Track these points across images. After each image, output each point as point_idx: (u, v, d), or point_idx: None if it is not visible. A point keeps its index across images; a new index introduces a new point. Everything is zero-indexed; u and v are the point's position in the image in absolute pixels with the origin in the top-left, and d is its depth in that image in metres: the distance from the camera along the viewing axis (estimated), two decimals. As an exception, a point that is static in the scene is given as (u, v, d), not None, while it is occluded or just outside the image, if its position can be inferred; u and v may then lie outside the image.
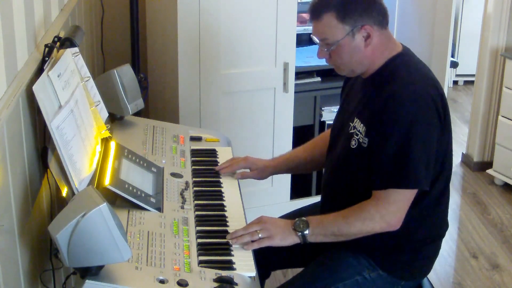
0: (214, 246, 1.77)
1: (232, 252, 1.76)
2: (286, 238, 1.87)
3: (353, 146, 1.95)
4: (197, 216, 1.90)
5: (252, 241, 1.80)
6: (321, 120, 3.54)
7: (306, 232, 1.86)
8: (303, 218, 1.89)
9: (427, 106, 1.85)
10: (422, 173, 1.84)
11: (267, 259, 2.09)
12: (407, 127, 1.82)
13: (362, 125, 1.93)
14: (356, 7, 1.88)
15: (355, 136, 1.95)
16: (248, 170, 2.27)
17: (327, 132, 2.25)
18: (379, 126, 1.87)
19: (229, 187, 2.13)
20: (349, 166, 1.99)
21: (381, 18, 1.92)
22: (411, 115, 1.82)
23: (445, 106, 1.92)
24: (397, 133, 1.83)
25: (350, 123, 1.99)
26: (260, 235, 1.82)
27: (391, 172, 1.85)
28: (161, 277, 1.55)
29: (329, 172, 2.11)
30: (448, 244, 3.55)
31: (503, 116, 4.13)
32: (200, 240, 1.78)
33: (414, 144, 1.82)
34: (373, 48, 1.92)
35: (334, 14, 1.87)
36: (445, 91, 4.03)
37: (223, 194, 2.07)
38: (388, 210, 1.85)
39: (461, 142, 4.88)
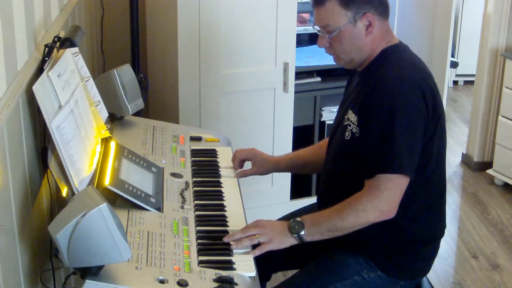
0: (214, 246, 1.77)
1: (232, 252, 1.76)
2: (284, 241, 1.86)
3: (347, 137, 1.96)
4: (197, 216, 1.90)
5: (253, 248, 1.80)
6: (321, 120, 3.53)
7: (302, 233, 1.85)
8: (298, 218, 1.88)
9: (412, 92, 1.84)
10: (405, 158, 1.83)
11: (268, 262, 2.08)
12: (390, 111, 1.82)
13: (354, 115, 1.94)
14: None
15: (348, 127, 1.95)
16: (249, 166, 2.28)
17: None
18: (366, 112, 1.87)
19: (229, 187, 2.13)
20: (344, 158, 2.00)
21: (383, 8, 1.93)
22: (395, 99, 1.82)
23: (435, 97, 1.89)
24: (381, 117, 1.83)
25: (345, 116, 1.99)
26: (259, 240, 1.82)
27: (376, 157, 1.84)
28: (161, 277, 1.55)
29: (327, 167, 2.12)
30: (448, 244, 3.55)
31: (503, 116, 4.13)
32: (200, 240, 1.78)
33: (397, 128, 1.81)
34: (373, 37, 1.92)
35: (337, 1, 1.89)
36: (445, 91, 4.02)
37: (223, 194, 2.07)
38: (380, 199, 1.83)
39: (461, 142, 4.88)
